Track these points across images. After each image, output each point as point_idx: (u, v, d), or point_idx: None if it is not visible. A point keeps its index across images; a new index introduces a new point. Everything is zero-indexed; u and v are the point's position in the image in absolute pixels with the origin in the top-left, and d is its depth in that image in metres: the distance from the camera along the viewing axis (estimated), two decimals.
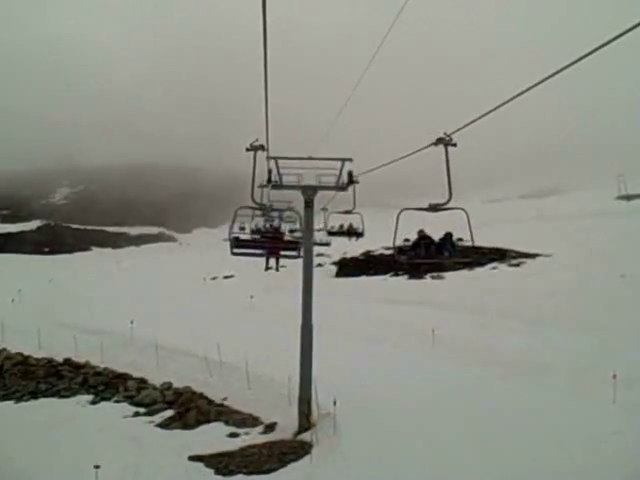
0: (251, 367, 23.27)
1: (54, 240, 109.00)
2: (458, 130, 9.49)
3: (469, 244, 12.25)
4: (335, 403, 17.02)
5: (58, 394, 24.16)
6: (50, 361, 27.63)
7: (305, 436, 17.19)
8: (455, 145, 10.57)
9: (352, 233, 22.97)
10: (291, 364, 19.21)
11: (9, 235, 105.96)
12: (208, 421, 20.23)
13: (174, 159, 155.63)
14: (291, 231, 17.27)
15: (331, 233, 23.52)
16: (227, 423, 19.87)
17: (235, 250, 13.01)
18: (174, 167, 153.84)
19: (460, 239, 13.13)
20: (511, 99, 7.74)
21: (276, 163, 17.07)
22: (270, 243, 14.06)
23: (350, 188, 17.99)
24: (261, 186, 16.09)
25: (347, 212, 20.99)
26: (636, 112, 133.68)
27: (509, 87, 7.87)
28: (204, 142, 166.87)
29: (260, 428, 19.23)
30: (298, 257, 14.49)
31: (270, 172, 17.40)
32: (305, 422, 17.98)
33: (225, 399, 22.04)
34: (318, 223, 22.09)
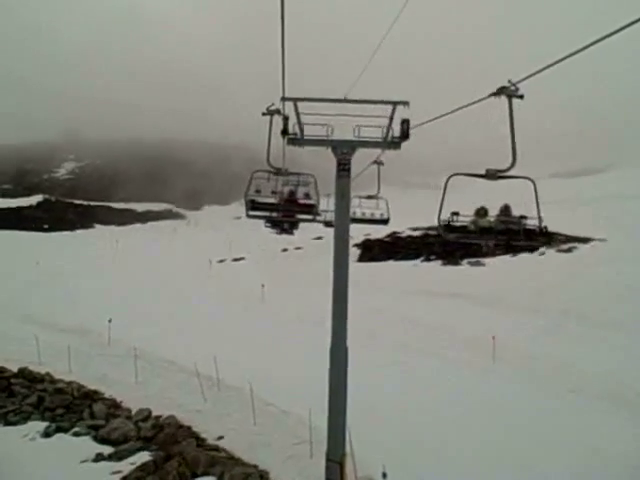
0: (257, 390, 17.34)
1: (54, 216, 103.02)
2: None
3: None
4: (385, 476, 10.98)
5: (4, 419, 18.37)
6: (2, 371, 21.62)
7: None
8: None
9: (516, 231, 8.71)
10: (312, 389, 13.02)
11: (7, 210, 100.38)
12: (195, 475, 14.43)
13: (184, 134, 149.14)
14: (306, 195, 13.25)
15: (463, 230, 8.88)
16: (221, 479, 14.07)
17: (250, 212, 11.98)
18: (184, 142, 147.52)
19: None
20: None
21: (295, 107, 11.29)
22: (285, 206, 12.39)
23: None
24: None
25: (500, 174, 8.00)
26: None
27: None
28: (216, 118, 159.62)
29: None
30: (314, 221, 13.09)
31: (286, 120, 11.63)
32: None
33: (221, 438, 16.18)
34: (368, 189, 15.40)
